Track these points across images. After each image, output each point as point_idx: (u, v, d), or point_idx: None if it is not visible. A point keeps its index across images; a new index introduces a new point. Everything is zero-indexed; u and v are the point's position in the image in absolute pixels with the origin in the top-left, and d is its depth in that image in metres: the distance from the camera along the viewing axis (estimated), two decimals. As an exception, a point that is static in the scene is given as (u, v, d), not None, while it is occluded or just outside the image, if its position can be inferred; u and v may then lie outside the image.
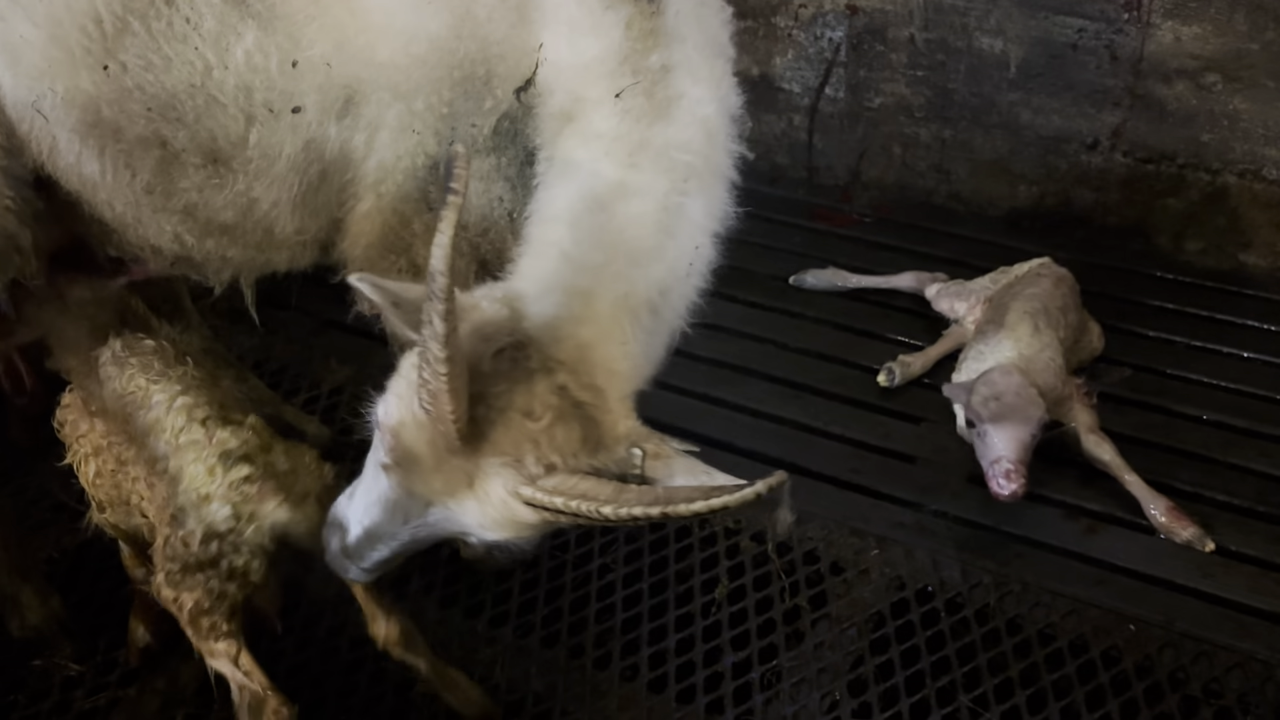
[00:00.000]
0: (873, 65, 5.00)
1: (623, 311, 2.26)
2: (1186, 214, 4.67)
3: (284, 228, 2.68)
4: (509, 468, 2.02)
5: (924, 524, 3.53)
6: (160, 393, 2.59)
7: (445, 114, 2.48)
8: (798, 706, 3.04)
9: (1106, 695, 3.03)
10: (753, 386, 4.08)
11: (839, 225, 5.06)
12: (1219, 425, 3.89)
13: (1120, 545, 3.43)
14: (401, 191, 2.55)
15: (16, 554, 3.16)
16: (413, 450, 2.07)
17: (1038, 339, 3.69)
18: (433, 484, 2.09)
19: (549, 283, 2.23)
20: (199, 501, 2.46)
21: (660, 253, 2.34)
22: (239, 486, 2.45)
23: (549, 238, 2.31)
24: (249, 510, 2.45)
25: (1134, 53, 4.47)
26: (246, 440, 2.51)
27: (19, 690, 3.08)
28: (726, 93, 2.49)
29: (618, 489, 1.99)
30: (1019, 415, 3.37)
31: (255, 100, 2.50)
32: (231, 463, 2.46)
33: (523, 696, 3.07)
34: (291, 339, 4.33)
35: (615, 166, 2.34)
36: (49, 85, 2.50)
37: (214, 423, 2.53)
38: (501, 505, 2.05)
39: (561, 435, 2.05)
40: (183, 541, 2.47)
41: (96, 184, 2.63)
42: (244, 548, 2.47)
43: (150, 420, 2.57)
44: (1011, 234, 4.89)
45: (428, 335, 1.87)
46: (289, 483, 2.50)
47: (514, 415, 2.03)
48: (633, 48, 2.36)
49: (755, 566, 3.41)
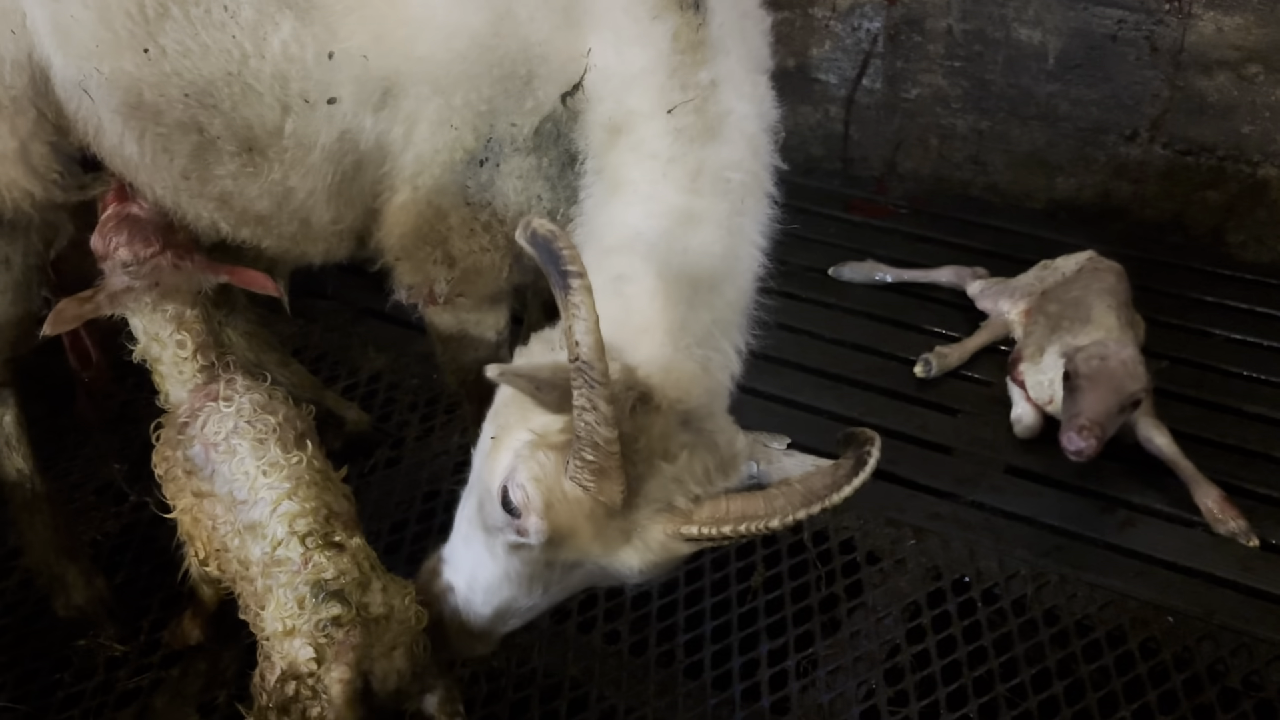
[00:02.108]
0: (910, 56, 4.99)
1: (716, 336, 2.31)
2: (1226, 206, 4.64)
3: (320, 218, 2.69)
4: (664, 513, 2.07)
5: (961, 515, 3.53)
6: (267, 490, 2.38)
7: (484, 111, 2.48)
8: (834, 694, 3.04)
9: (1145, 686, 3.02)
10: (789, 377, 4.08)
11: (875, 216, 5.06)
12: (1258, 418, 3.87)
13: (1159, 538, 3.42)
14: (438, 185, 2.55)
15: (64, 535, 3.20)
16: (568, 526, 2.08)
17: (1125, 335, 3.69)
18: (589, 550, 2.12)
19: (643, 324, 2.24)
20: (283, 634, 2.25)
21: (732, 275, 2.37)
22: (326, 628, 2.22)
23: (623, 271, 2.30)
24: (332, 656, 2.21)
25: (1174, 43, 4.45)
26: (344, 571, 2.28)
27: (64, 669, 3.11)
28: (767, 108, 2.49)
29: (766, 500, 2.05)
30: (1115, 381, 3.38)
31: (291, 90, 2.51)
32: (324, 598, 2.23)
33: (559, 681, 3.09)
34: (330, 327, 4.37)
35: (678, 192, 2.34)
36: (95, 65, 2.53)
37: (314, 541, 2.31)
38: (662, 549, 2.10)
39: (699, 467, 2.09)
40: (262, 674, 2.30)
41: (138, 166, 2.65)
42: (321, 696, 2.21)
43: (252, 521, 2.37)
44: (1048, 226, 4.87)
45: (594, 421, 1.91)
46: (379, 631, 2.26)
47: (655, 460, 2.06)
48: (681, 60, 2.36)
49: (791, 555, 3.42)
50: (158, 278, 2.63)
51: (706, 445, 2.12)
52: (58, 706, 3.03)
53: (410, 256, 2.68)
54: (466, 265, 2.63)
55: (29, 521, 3.18)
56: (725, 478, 2.12)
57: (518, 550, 2.18)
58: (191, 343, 2.63)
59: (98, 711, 3.01)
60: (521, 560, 2.20)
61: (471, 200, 2.56)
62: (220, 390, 2.56)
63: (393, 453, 3.80)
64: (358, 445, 3.73)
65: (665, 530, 2.07)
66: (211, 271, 2.69)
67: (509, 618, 2.34)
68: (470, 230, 2.59)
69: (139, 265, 2.63)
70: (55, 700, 3.04)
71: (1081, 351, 3.48)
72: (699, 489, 2.08)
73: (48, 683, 3.09)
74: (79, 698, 3.05)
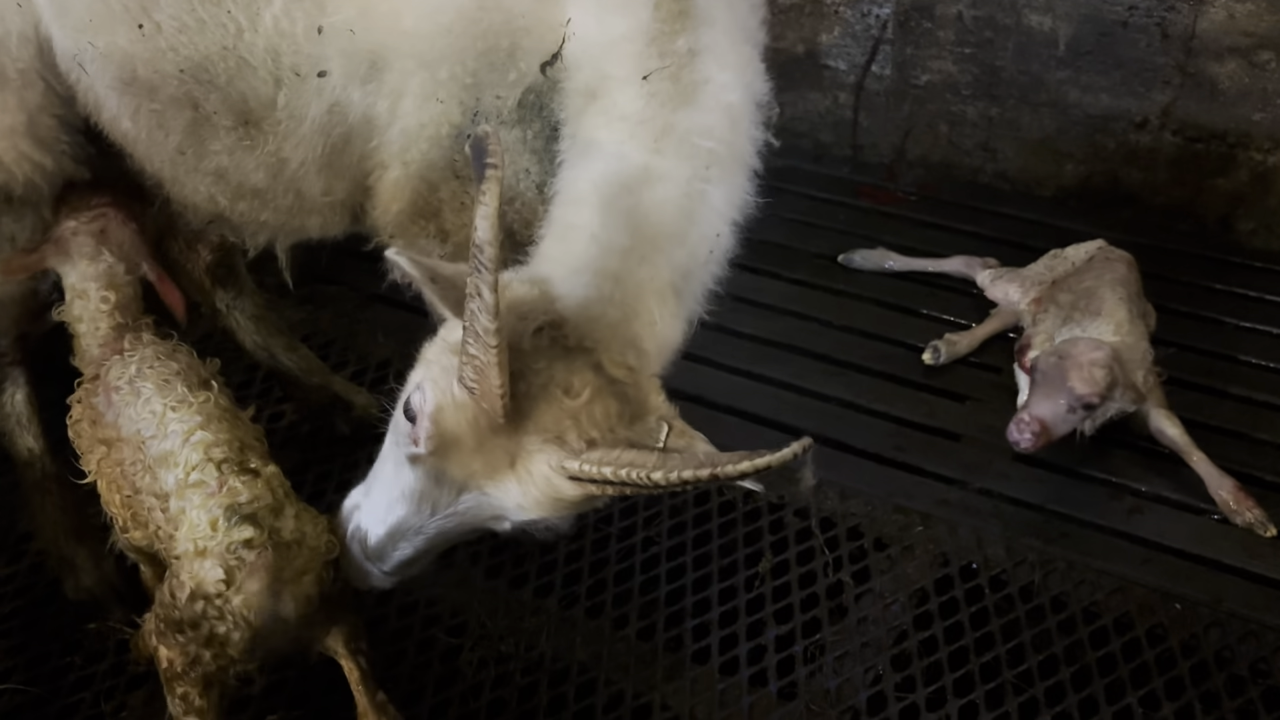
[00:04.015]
0: (920, 42, 4.97)
1: (649, 294, 2.28)
2: (1236, 194, 4.63)
3: (311, 188, 2.71)
4: (552, 444, 2.04)
5: (968, 501, 3.53)
6: (178, 422, 2.44)
7: (469, 84, 2.48)
8: (841, 679, 3.05)
9: (1151, 673, 3.03)
10: (797, 363, 4.08)
11: (884, 203, 5.05)
12: (1267, 406, 3.87)
13: (1166, 525, 3.43)
14: (427, 160, 2.56)
15: (73, 516, 3.21)
16: (453, 433, 2.06)
17: (1135, 327, 3.68)
18: (472, 466, 2.09)
19: (576, 264, 2.24)
20: (194, 554, 2.29)
21: (683, 238, 2.34)
22: (237, 550, 2.26)
23: (574, 220, 2.32)
24: (241, 579, 2.25)
25: (1186, 30, 4.43)
26: (258, 496, 2.34)
27: (75, 652, 3.14)
28: (753, 79, 2.48)
29: (662, 457, 2.00)
30: (1068, 383, 3.37)
31: (283, 64, 2.53)
32: (236, 521, 2.28)
33: (567, 666, 3.10)
34: (338, 313, 4.37)
35: (640, 151, 2.34)
36: (89, 40, 2.55)
37: (230, 467, 2.36)
38: (544, 482, 2.05)
39: (600, 410, 2.06)
40: (171, 592, 2.32)
41: (135, 140, 2.68)
42: (228, 616, 2.27)
43: (164, 451, 2.42)
44: (1058, 214, 4.85)
45: (476, 308, 1.88)
46: (289, 556, 2.31)
47: (555, 392, 2.04)
48: (661, 29, 2.36)
49: (799, 541, 3.42)
50: (103, 225, 2.76)
51: (616, 394, 2.08)
52: (69, 689, 3.05)
53: (404, 233, 2.70)
54: (459, 240, 2.64)
55: (39, 502, 3.20)
56: (628, 429, 2.08)
57: (414, 463, 2.13)
58: (115, 298, 2.71)
59: (109, 694, 3.03)
60: (415, 475, 2.15)
61: (460, 174, 2.57)
62: (125, 344, 2.64)
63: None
64: (367, 430, 3.73)
65: (549, 462, 2.02)
66: (147, 261, 2.82)
67: (399, 539, 2.26)
68: (461, 204, 2.60)
69: (88, 211, 2.78)
70: (67, 683, 3.06)
71: (1049, 348, 3.50)
72: (595, 432, 2.03)
73: (59, 665, 3.11)
74: (90, 680, 3.07)
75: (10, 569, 3.38)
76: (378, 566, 2.34)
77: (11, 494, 3.42)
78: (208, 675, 2.33)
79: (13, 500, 3.43)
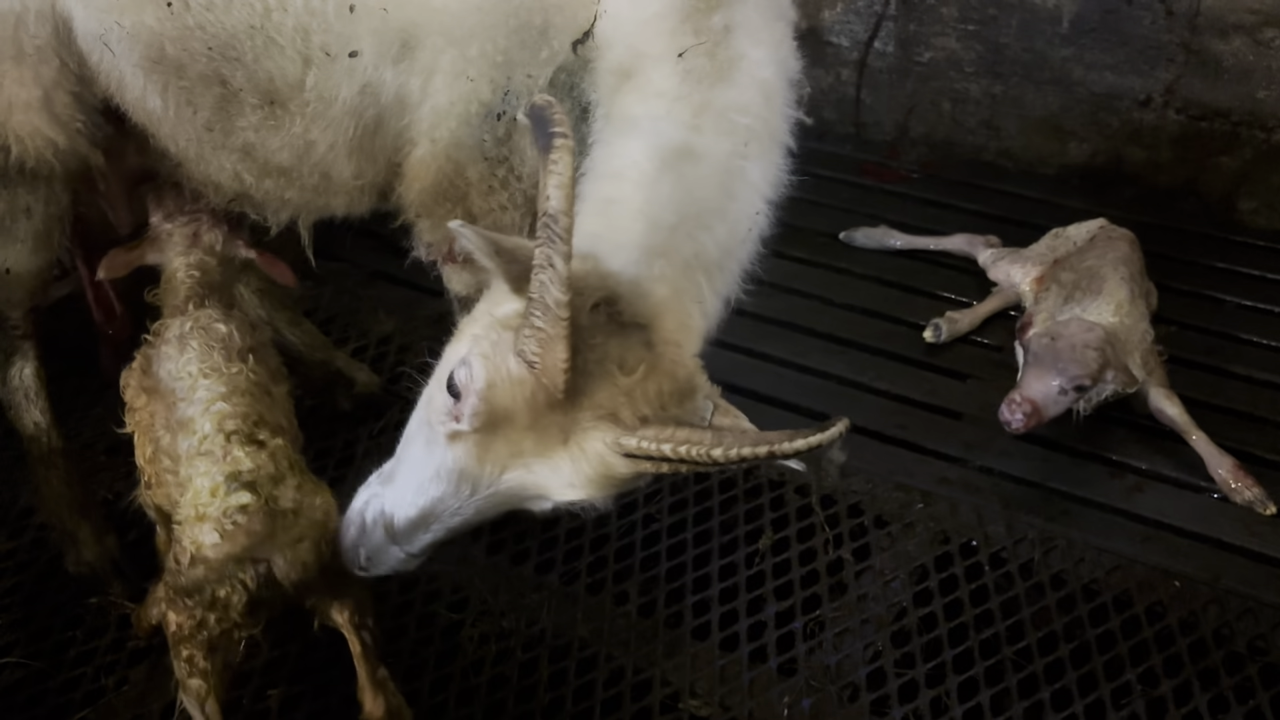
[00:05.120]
0: (923, 19, 4.95)
1: (695, 270, 2.27)
2: (1240, 172, 4.61)
3: (341, 172, 2.70)
4: (606, 421, 2.00)
5: (969, 479, 3.54)
6: (205, 390, 2.51)
7: (500, 62, 2.47)
8: (840, 656, 3.06)
9: (1151, 650, 3.04)
10: (799, 341, 4.08)
11: (886, 181, 5.04)
12: (1268, 384, 3.87)
13: (1167, 503, 3.43)
14: (455, 138, 2.55)
15: (77, 491, 3.22)
16: (504, 409, 2.01)
17: (1135, 308, 3.68)
18: (522, 444, 2.03)
19: (623, 240, 2.21)
20: (194, 519, 2.35)
21: (723, 215, 2.33)
22: (233, 514, 2.32)
23: (613, 195, 2.29)
24: (235, 541, 2.28)
25: (1190, 7, 4.40)
26: (260, 466, 2.39)
27: (77, 626, 3.15)
28: (786, 56, 2.48)
29: (716, 434, 1.97)
30: (1059, 364, 3.37)
31: (313, 43, 2.52)
32: (235, 487, 2.34)
33: (568, 641, 3.11)
34: (341, 289, 4.36)
35: (679, 128, 2.32)
36: (115, 19, 2.54)
37: (237, 439, 2.42)
38: (598, 460, 2.01)
39: (654, 388, 2.03)
40: (175, 557, 2.37)
41: (160, 119, 2.67)
42: (227, 579, 2.31)
43: (187, 417, 2.48)
44: (1061, 192, 4.84)
45: (548, 279, 1.85)
46: (286, 523, 2.33)
47: (609, 368, 2.01)
48: (695, 6, 2.35)
49: (799, 519, 3.43)
50: (197, 228, 2.92)
51: (666, 371, 2.06)
52: (70, 664, 3.06)
53: (430, 213, 2.68)
54: (486, 224, 2.62)
55: (44, 476, 3.20)
56: (678, 406, 2.06)
57: (454, 441, 2.08)
58: (199, 275, 2.85)
59: (110, 669, 3.04)
60: (454, 454, 2.08)
61: (489, 155, 2.56)
62: (190, 306, 2.77)
63: (402, 415, 3.77)
64: (368, 406, 3.74)
65: (604, 439, 1.99)
66: (244, 246, 2.98)
67: (432, 521, 2.17)
68: (489, 187, 2.59)
69: (183, 215, 2.93)
70: (68, 658, 3.07)
71: (1042, 329, 3.50)
72: (648, 409, 2.01)
73: (60, 640, 3.12)
74: (91, 655, 3.08)
75: (12, 543, 3.39)
76: (404, 549, 2.25)
77: (13, 469, 3.43)
78: (213, 639, 2.36)
79: (14, 476, 3.43)
